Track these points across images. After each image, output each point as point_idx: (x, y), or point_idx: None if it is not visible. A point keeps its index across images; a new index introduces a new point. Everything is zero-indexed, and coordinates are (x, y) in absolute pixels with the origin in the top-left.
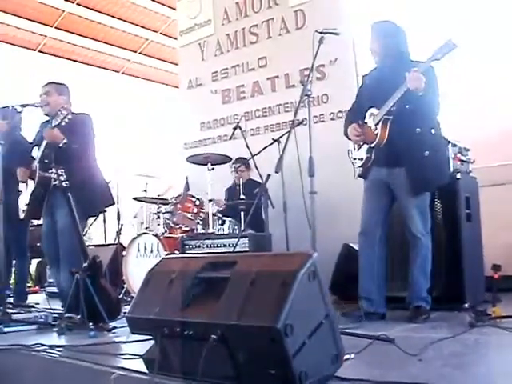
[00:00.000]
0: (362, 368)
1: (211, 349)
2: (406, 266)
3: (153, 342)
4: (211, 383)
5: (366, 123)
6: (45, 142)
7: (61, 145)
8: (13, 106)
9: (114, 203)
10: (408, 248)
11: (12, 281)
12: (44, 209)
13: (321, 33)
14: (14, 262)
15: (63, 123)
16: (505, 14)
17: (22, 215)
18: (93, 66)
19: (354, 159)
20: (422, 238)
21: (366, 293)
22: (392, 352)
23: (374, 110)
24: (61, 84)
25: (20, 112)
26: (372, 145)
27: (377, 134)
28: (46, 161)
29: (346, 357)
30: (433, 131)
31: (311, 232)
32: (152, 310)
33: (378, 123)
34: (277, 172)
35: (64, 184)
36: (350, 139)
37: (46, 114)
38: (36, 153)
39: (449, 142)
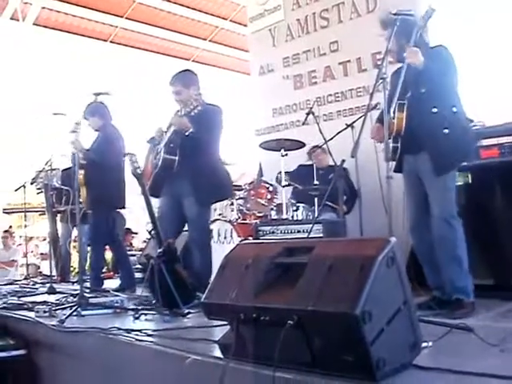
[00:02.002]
0: (439, 357)
1: (287, 334)
2: (482, 253)
3: (227, 327)
4: (287, 369)
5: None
6: (172, 129)
7: (187, 134)
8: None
9: (233, 196)
10: (486, 234)
11: (87, 267)
12: (165, 189)
13: (394, 15)
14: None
15: (192, 113)
16: None
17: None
18: (163, 54)
19: None
20: (449, 221)
21: (435, 283)
22: (471, 341)
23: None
24: (188, 74)
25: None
26: (394, 134)
27: (394, 123)
28: (172, 145)
29: (423, 345)
30: (454, 109)
31: (387, 218)
32: (228, 295)
33: (394, 111)
34: (352, 156)
35: None
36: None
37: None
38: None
39: (471, 120)
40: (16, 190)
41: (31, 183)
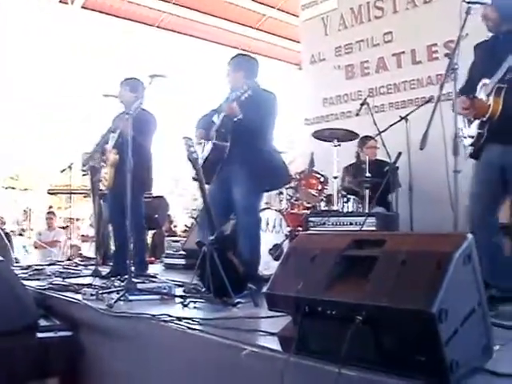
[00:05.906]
0: (510, 362)
1: (355, 330)
2: None
3: (280, 319)
4: (352, 366)
5: (476, 97)
6: (222, 114)
7: (235, 119)
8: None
9: (287, 183)
10: None
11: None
12: (216, 176)
13: (468, 3)
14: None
15: (243, 98)
16: None
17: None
18: (210, 41)
19: (464, 137)
20: None
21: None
22: None
23: (485, 81)
24: (239, 58)
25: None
26: (484, 118)
27: (489, 106)
28: (223, 130)
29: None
30: None
31: (453, 213)
32: (292, 287)
33: (489, 94)
34: (421, 148)
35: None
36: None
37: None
38: (216, 119)
39: None
40: (62, 172)
41: (83, 165)
